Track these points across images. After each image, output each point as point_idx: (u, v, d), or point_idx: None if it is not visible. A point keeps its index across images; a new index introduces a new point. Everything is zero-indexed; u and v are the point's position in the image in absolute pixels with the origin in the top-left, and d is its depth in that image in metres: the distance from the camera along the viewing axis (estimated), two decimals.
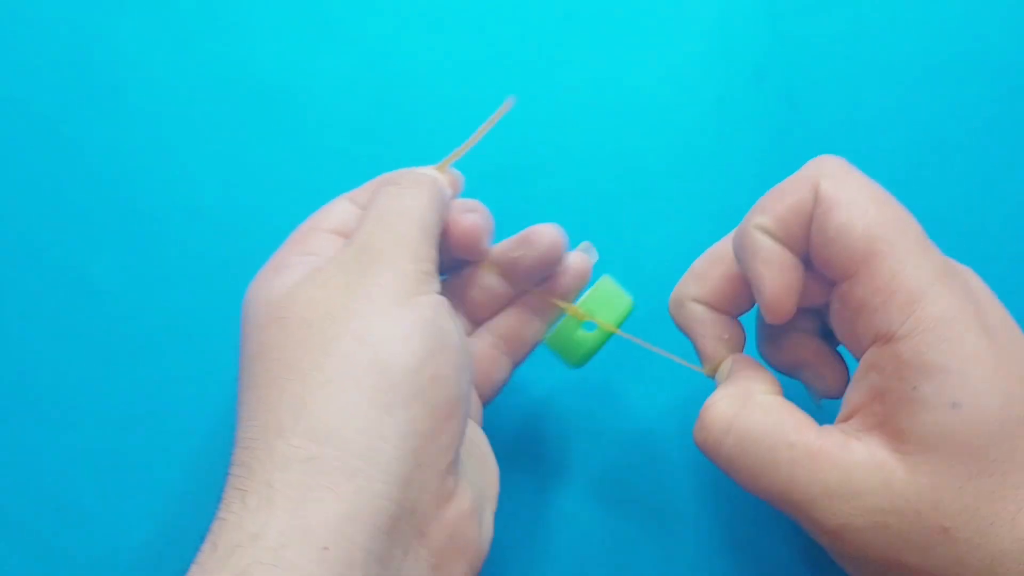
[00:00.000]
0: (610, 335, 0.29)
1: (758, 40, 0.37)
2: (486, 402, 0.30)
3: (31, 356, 0.35)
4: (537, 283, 0.30)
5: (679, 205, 0.36)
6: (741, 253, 0.26)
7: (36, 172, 0.37)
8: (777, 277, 0.25)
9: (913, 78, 0.37)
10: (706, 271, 0.28)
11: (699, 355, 0.28)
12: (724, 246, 0.28)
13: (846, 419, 0.25)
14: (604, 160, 0.37)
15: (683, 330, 0.28)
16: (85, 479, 0.34)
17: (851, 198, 0.24)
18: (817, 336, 0.28)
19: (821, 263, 0.25)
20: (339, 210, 0.28)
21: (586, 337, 0.29)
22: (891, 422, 0.23)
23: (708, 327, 0.28)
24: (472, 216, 0.28)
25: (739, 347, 0.28)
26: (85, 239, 0.36)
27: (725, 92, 0.37)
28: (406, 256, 0.24)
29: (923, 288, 0.23)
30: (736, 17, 0.37)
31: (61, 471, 0.34)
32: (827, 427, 0.24)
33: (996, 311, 0.24)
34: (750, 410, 0.25)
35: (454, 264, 0.30)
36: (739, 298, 0.28)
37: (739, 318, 0.29)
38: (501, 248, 0.29)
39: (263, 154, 0.37)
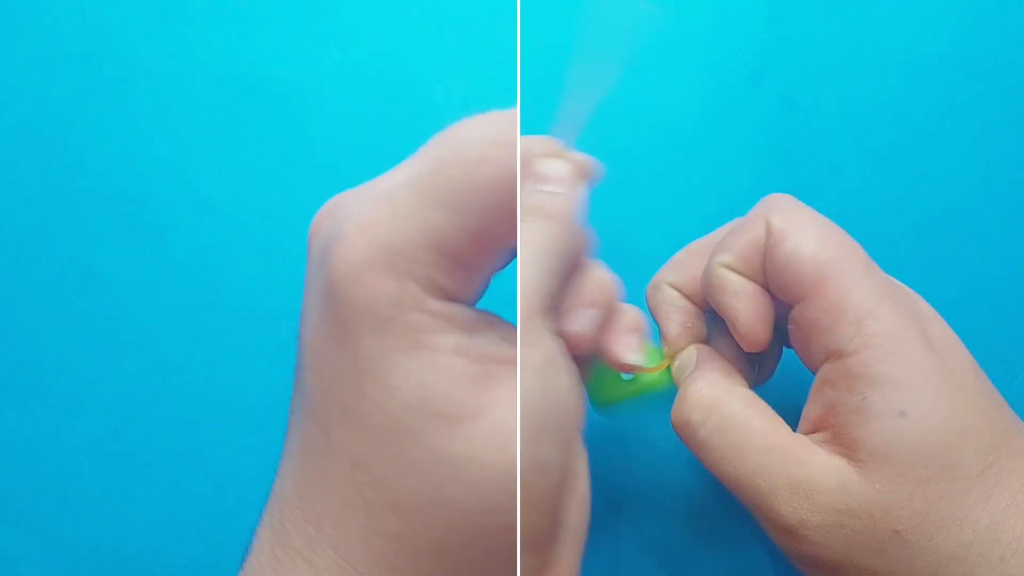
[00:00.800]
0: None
1: (755, 41, 0.38)
2: None
3: (37, 349, 0.36)
4: None
5: (676, 206, 0.37)
6: (711, 291, 0.27)
7: (42, 168, 0.37)
8: (749, 307, 0.27)
9: (911, 79, 0.37)
10: (686, 260, 0.30)
11: (662, 337, 0.30)
12: (706, 241, 0.30)
13: (805, 434, 0.26)
14: (600, 161, 0.37)
15: (653, 312, 0.30)
16: (89, 470, 0.35)
17: (798, 229, 0.26)
18: None
19: (777, 290, 0.26)
20: None
21: (624, 386, 0.28)
22: (844, 433, 0.24)
23: (676, 312, 0.29)
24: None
25: (698, 339, 0.29)
26: (92, 234, 0.37)
27: (722, 94, 0.37)
28: None
29: (869, 307, 0.24)
30: (733, 18, 0.38)
31: (66, 461, 0.35)
32: (796, 433, 0.26)
33: (939, 328, 0.26)
34: (732, 398, 0.26)
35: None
36: None
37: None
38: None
39: (267, 150, 0.37)
